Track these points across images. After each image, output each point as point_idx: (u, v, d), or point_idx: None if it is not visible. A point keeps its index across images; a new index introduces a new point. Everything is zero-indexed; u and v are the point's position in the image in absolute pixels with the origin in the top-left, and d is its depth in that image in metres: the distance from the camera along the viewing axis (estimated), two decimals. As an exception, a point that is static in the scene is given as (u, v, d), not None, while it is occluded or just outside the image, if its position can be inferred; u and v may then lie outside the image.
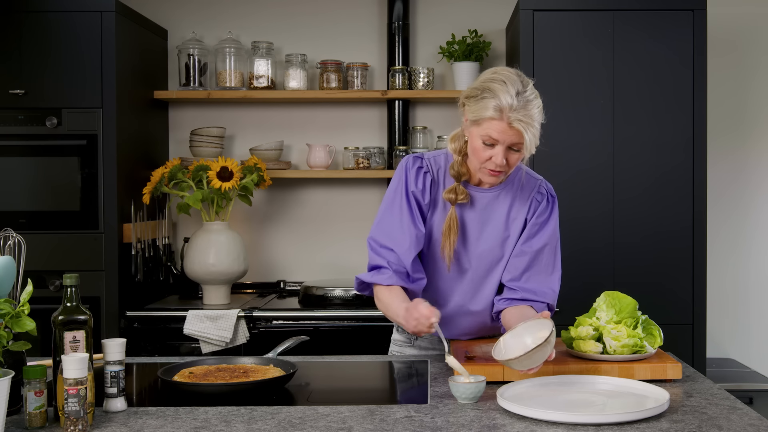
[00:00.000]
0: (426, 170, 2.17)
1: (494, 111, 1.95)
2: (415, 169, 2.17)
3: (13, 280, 1.77)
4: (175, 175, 3.44)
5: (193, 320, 3.22)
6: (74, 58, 3.26)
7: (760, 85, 3.90)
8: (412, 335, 2.31)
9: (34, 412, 1.62)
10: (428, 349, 2.33)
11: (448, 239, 2.12)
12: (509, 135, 1.96)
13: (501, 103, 1.94)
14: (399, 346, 2.37)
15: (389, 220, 2.15)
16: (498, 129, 1.97)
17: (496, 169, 2.02)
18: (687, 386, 1.91)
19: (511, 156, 2.01)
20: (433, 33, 3.91)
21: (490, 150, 2.00)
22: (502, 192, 2.16)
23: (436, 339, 2.30)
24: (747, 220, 3.91)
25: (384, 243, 2.14)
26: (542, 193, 2.18)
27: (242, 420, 1.66)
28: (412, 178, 2.16)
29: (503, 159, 2.00)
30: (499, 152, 1.99)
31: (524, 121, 1.94)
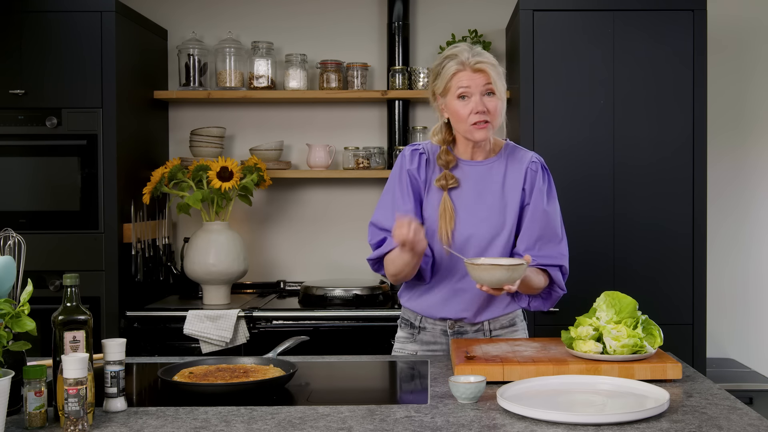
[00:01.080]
0: (422, 152, 2.31)
1: (456, 65, 2.17)
2: (410, 152, 2.32)
3: (13, 280, 1.77)
4: (175, 175, 3.44)
5: (193, 320, 3.22)
6: (74, 58, 3.26)
7: (760, 85, 3.90)
8: (414, 330, 2.34)
9: (34, 412, 1.62)
10: (429, 344, 2.34)
11: (444, 221, 2.22)
12: (477, 79, 2.16)
13: (460, 58, 2.18)
14: (401, 343, 2.39)
15: (386, 203, 2.30)
16: (465, 77, 2.16)
17: (481, 117, 2.16)
18: (687, 386, 1.91)
19: (488, 102, 2.16)
20: (433, 33, 3.91)
21: (468, 103, 2.16)
22: (495, 163, 2.28)
23: (438, 332, 2.33)
24: (747, 219, 3.91)
25: (383, 225, 2.27)
26: (536, 162, 2.29)
27: (242, 420, 1.66)
28: (408, 160, 2.30)
29: (483, 105, 2.15)
30: (477, 99, 2.16)
31: (484, 61, 2.17)
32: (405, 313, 2.40)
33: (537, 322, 3.30)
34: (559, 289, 2.29)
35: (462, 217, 2.24)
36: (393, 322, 3.24)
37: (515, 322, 2.36)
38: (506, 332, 2.34)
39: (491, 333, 2.32)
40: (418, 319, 2.34)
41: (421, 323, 2.34)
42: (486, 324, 2.31)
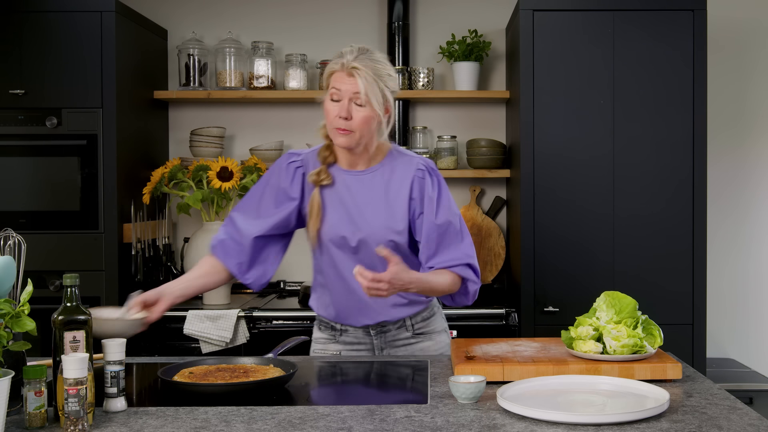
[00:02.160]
0: (299, 165, 2.26)
1: (336, 65, 2.11)
2: (286, 165, 2.28)
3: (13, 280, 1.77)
4: (175, 175, 3.44)
5: (193, 320, 3.22)
6: (74, 58, 3.26)
7: (760, 85, 3.90)
8: (335, 332, 2.33)
9: (34, 412, 1.62)
10: (354, 344, 2.32)
11: (311, 220, 2.21)
12: (348, 84, 2.08)
13: (342, 58, 2.11)
14: (322, 344, 2.36)
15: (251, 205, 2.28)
16: (338, 78, 2.10)
17: (340, 124, 2.10)
18: (687, 386, 1.91)
19: (356, 112, 2.10)
20: (433, 33, 3.91)
21: (336, 106, 2.10)
22: (377, 173, 2.22)
23: (360, 333, 2.31)
24: (746, 219, 3.91)
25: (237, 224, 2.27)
26: (422, 169, 2.22)
27: (242, 420, 1.66)
28: (283, 175, 2.26)
29: (347, 111, 2.09)
30: (344, 104, 2.09)
31: (360, 68, 2.07)
32: (322, 318, 2.38)
33: (537, 322, 3.30)
34: (472, 283, 2.22)
35: (338, 220, 2.20)
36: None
37: (434, 312, 2.37)
38: (426, 324, 2.34)
39: (414, 327, 2.31)
40: (339, 324, 2.33)
41: (342, 327, 2.33)
42: (407, 320, 2.31)
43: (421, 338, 2.33)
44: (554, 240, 3.30)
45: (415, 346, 2.32)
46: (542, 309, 3.30)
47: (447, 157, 3.74)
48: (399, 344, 2.32)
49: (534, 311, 3.30)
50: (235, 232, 2.27)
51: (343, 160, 2.23)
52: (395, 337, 2.31)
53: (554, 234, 3.30)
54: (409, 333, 2.32)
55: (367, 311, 2.27)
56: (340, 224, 2.20)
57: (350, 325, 2.31)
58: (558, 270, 3.30)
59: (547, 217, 3.30)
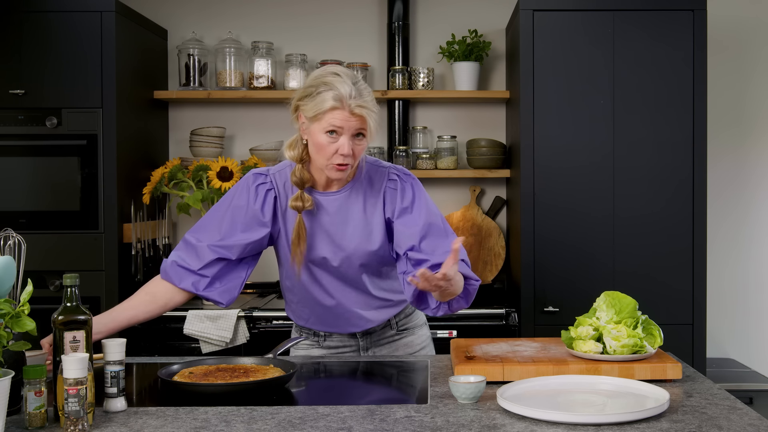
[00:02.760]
0: (269, 188, 2.17)
1: (334, 101, 1.99)
2: (255, 187, 2.16)
3: (13, 280, 1.77)
4: (175, 175, 3.44)
5: (193, 320, 3.22)
6: (74, 58, 3.26)
7: (760, 85, 3.90)
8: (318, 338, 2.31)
9: (34, 412, 1.62)
10: (338, 347, 2.32)
11: (298, 248, 2.13)
12: (352, 122, 2.00)
13: (340, 93, 1.99)
14: (305, 350, 2.33)
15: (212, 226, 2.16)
16: (341, 117, 1.99)
17: (344, 161, 2.03)
18: (687, 386, 1.91)
19: (356, 145, 2.03)
20: (433, 33, 3.91)
21: (336, 142, 2.02)
22: (352, 190, 2.16)
23: (345, 337, 2.30)
24: (747, 219, 3.91)
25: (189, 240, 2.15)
26: (393, 179, 2.16)
27: (242, 420, 1.66)
28: (250, 196, 2.15)
29: (350, 148, 2.02)
30: (345, 142, 2.01)
31: (365, 107, 2.00)
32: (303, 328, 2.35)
33: (537, 322, 3.30)
34: (474, 281, 2.08)
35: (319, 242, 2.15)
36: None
37: (413, 309, 2.36)
38: (409, 319, 2.34)
39: (398, 325, 2.32)
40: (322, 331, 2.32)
41: (326, 333, 2.31)
42: (392, 319, 2.31)
43: (404, 333, 2.34)
44: (554, 240, 3.30)
45: (399, 342, 2.33)
46: (542, 309, 3.30)
47: (447, 157, 3.74)
48: (383, 342, 2.33)
49: (534, 311, 3.30)
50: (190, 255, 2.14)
51: (319, 182, 2.16)
52: (381, 336, 2.32)
53: (554, 234, 3.30)
54: (393, 331, 2.33)
55: (354, 320, 2.25)
56: (322, 246, 2.16)
57: (336, 332, 2.31)
58: (558, 270, 3.30)
59: (547, 217, 3.30)
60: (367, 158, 2.21)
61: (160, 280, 2.16)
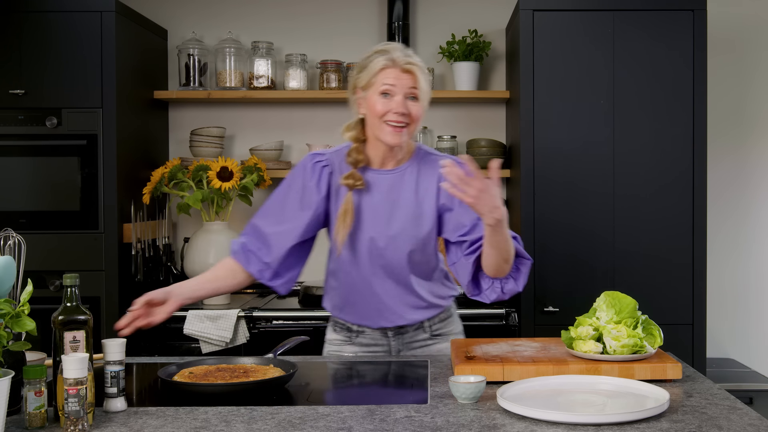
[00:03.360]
0: (325, 164, 2.22)
1: (386, 61, 2.08)
2: (312, 164, 2.23)
3: (13, 280, 1.77)
4: (175, 175, 3.44)
5: (193, 320, 3.22)
6: (74, 58, 3.26)
7: (760, 85, 3.90)
8: (351, 334, 2.31)
9: (34, 412, 1.62)
10: (370, 345, 2.31)
11: (343, 223, 2.15)
12: (404, 80, 2.07)
13: (391, 55, 2.09)
14: (337, 345, 2.34)
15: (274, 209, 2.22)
16: (392, 75, 2.07)
17: (399, 119, 2.07)
18: (687, 386, 1.91)
19: (411, 106, 2.08)
20: (433, 33, 3.91)
21: (390, 102, 2.07)
22: (405, 172, 2.19)
23: (377, 334, 2.30)
24: (747, 219, 3.91)
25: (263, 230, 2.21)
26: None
27: (242, 420, 1.66)
28: (309, 173, 2.21)
29: (405, 107, 2.06)
30: (400, 100, 2.07)
31: (416, 64, 2.08)
32: (337, 320, 2.36)
33: (537, 322, 3.30)
34: (525, 260, 2.12)
35: (367, 221, 2.17)
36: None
37: (451, 313, 2.37)
38: (445, 324, 2.34)
39: (432, 329, 2.31)
40: (355, 325, 2.32)
41: (359, 328, 2.31)
42: (425, 322, 2.30)
43: (438, 339, 2.33)
44: (554, 240, 3.30)
45: (432, 347, 2.32)
46: (542, 309, 3.30)
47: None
48: (416, 346, 2.31)
49: (534, 311, 3.30)
50: (257, 239, 2.21)
51: (375, 159, 2.19)
52: (412, 339, 2.31)
53: (554, 234, 3.30)
54: (426, 334, 2.31)
55: (386, 314, 2.25)
56: (370, 226, 2.18)
57: (367, 327, 2.30)
58: (558, 270, 3.30)
59: (546, 217, 3.30)
60: (422, 146, 2.25)
61: (232, 260, 2.22)
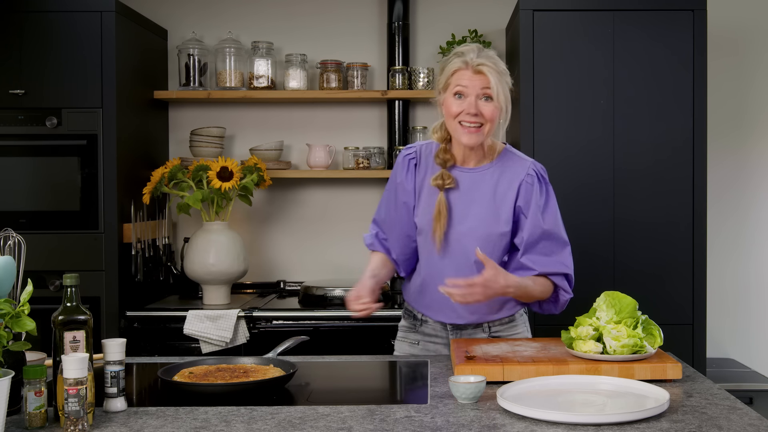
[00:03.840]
0: (412, 157, 2.32)
1: (459, 63, 2.15)
2: (402, 158, 2.34)
3: (13, 280, 1.77)
4: (175, 175, 3.44)
5: (193, 320, 3.22)
6: (74, 58, 3.26)
7: (761, 86, 3.90)
8: (416, 321, 2.38)
9: (34, 412, 1.62)
10: (431, 336, 2.35)
11: (439, 223, 2.21)
12: (476, 81, 2.12)
13: (465, 57, 2.15)
14: (404, 332, 2.42)
15: (382, 204, 2.39)
16: (465, 76, 2.13)
17: (471, 119, 2.13)
18: (687, 386, 1.91)
19: (484, 106, 2.13)
20: (433, 33, 3.91)
21: (462, 103, 2.13)
22: (488, 171, 2.24)
23: (439, 326, 2.34)
24: (747, 220, 3.91)
25: (378, 220, 2.41)
26: (531, 174, 2.24)
27: (242, 420, 1.66)
28: (400, 169, 2.33)
29: (476, 107, 2.12)
30: (472, 101, 2.13)
31: (488, 65, 2.13)
32: (407, 305, 2.43)
33: (537, 322, 3.30)
34: (564, 293, 2.26)
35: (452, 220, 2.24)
36: (393, 322, 3.24)
37: (515, 318, 2.37)
38: (506, 328, 2.34)
39: (491, 330, 2.32)
40: (420, 313, 2.37)
41: (423, 317, 2.36)
42: (486, 323, 2.32)
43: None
44: (554, 240, 3.29)
45: None
46: (542, 309, 3.30)
47: (447, 157, 3.74)
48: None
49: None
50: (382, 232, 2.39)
51: (457, 157, 2.26)
52: (470, 336, 2.33)
53: (554, 234, 3.29)
54: (485, 335, 2.33)
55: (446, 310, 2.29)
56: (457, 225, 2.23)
57: (429, 317, 2.34)
58: (558, 270, 3.30)
59: (547, 217, 3.30)
60: (509, 147, 2.30)
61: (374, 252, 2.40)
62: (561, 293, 2.25)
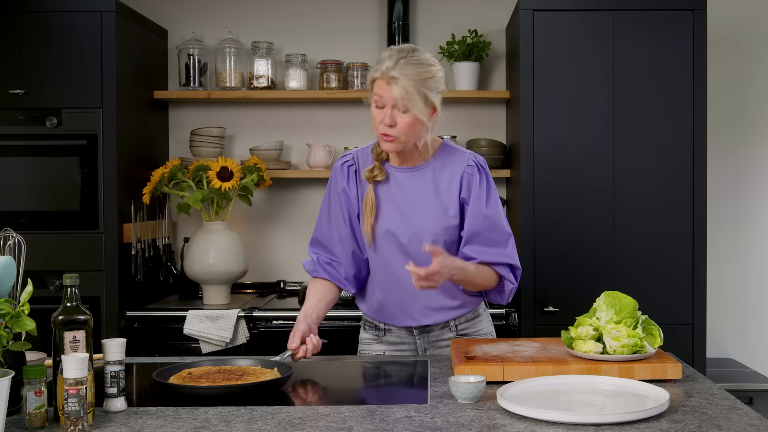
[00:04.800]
0: (351, 164, 2.30)
1: (376, 72, 2.11)
2: (340, 166, 2.32)
3: (13, 280, 1.77)
4: (175, 175, 3.44)
5: (193, 320, 3.22)
6: (74, 58, 3.26)
7: (761, 86, 3.90)
8: (379, 332, 2.36)
9: (34, 412, 1.62)
10: (396, 344, 2.34)
11: (369, 217, 2.22)
12: (388, 92, 2.08)
13: (382, 65, 2.10)
14: (367, 344, 2.39)
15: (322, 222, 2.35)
16: (380, 86, 2.10)
17: (387, 131, 2.11)
18: (687, 386, 1.91)
19: (399, 118, 2.10)
20: (433, 33, 3.91)
21: (380, 113, 2.11)
22: (428, 169, 2.24)
23: (404, 333, 2.33)
24: (747, 220, 3.91)
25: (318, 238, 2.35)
26: (471, 165, 2.24)
27: (242, 420, 1.66)
28: (339, 177, 2.31)
29: (391, 118, 2.10)
30: (387, 112, 2.10)
31: (398, 77, 2.07)
32: (366, 317, 2.40)
33: (537, 322, 3.30)
34: (509, 283, 2.25)
35: (388, 217, 2.22)
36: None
37: (479, 313, 2.37)
38: (471, 325, 2.34)
39: (457, 328, 2.32)
40: (382, 323, 2.35)
41: (386, 326, 2.35)
42: (451, 321, 2.31)
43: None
44: (554, 240, 3.30)
45: None
46: (542, 309, 3.30)
47: (447, 157, 3.74)
48: (442, 345, 2.33)
49: (534, 311, 3.30)
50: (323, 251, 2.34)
51: (394, 158, 2.25)
52: (438, 338, 2.32)
53: (554, 234, 3.30)
54: (452, 334, 2.32)
55: (410, 312, 2.28)
56: (391, 221, 2.22)
57: (393, 325, 2.33)
58: (558, 270, 3.30)
59: (546, 217, 3.30)
60: (446, 142, 2.30)
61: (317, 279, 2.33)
62: (506, 283, 2.25)
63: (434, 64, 2.14)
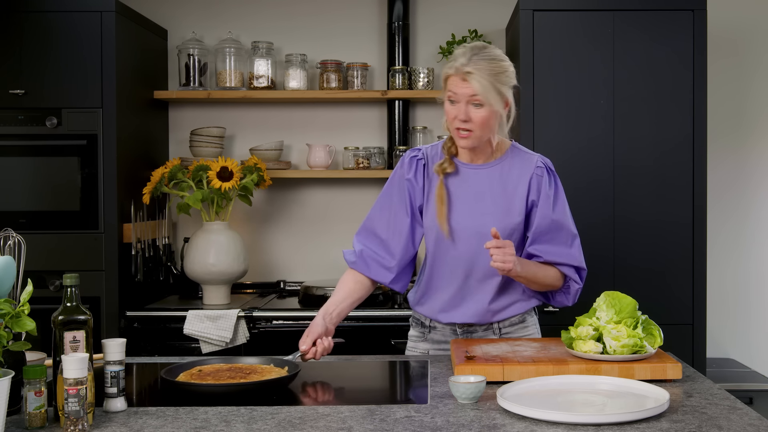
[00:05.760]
0: (420, 158, 2.32)
1: (450, 69, 2.15)
2: (409, 159, 2.33)
3: (13, 280, 1.77)
4: (175, 175, 3.44)
5: (193, 320, 3.22)
6: (74, 58, 3.26)
7: (761, 86, 3.90)
8: (424, 329, 2.36)
9: (34, 412, 1.62)
10: (441, 342, 2.34)
11: (441, 207, 2.23)
12: (464, 87, 2.12)
13: (455, 62, 2.14)
14: (414, 342, 2.40)
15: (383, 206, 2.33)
16: (455, 83, 2.14)
17: (462, 125, 2.14)
18: (687, 386, 1.91)
19: (474, 112, 2.13)
20: (433, 33, 3.91)
21: (454, 109, 2.15)
22: (496, 167, 2.26)
23: (448, 332, 2.33)
24: (747, 220, 3.91)
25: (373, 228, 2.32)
26: (541, 167, 2.27)
27: (242, 420, 1.66)
28: (406, 168, 2.32)
29: (465, 113, 2.13)
30: (461, 108, 2.13)
31: (474, 72, 2.11)
32: (415, 313, 2.41)
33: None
34: (574, 283, 2.27)
35: (453, 211, 2.24)
36: (393, 323, 3.25)
37: (525, 319, 2.36)
38: (516, 329, 2.33)
39: (501, 331, 2.31)
40: (428, 319, 2.35)
41: (431, 323, 2.35)
42: (496, 324, 2.31)
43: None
44: (554, 240, 3.29)
45: None
46: (542, 309, 3.30)
47: (447, 157, 3.74)
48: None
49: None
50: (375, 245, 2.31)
51: (463, 155, 2.27)
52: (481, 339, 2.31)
53: (554, 234, 3.29)
54: (495, 336, 2.32)
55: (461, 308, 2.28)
56: (454, 216, 2.24)
57: (438, 322, 2.33)
58: (558, 270, 3.30)
59: (547, 217, 3.30)
60: (516, 143, 2.32)
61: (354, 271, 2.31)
62: (572, 283, 2.27)
63: (505, 59, 2.18)
